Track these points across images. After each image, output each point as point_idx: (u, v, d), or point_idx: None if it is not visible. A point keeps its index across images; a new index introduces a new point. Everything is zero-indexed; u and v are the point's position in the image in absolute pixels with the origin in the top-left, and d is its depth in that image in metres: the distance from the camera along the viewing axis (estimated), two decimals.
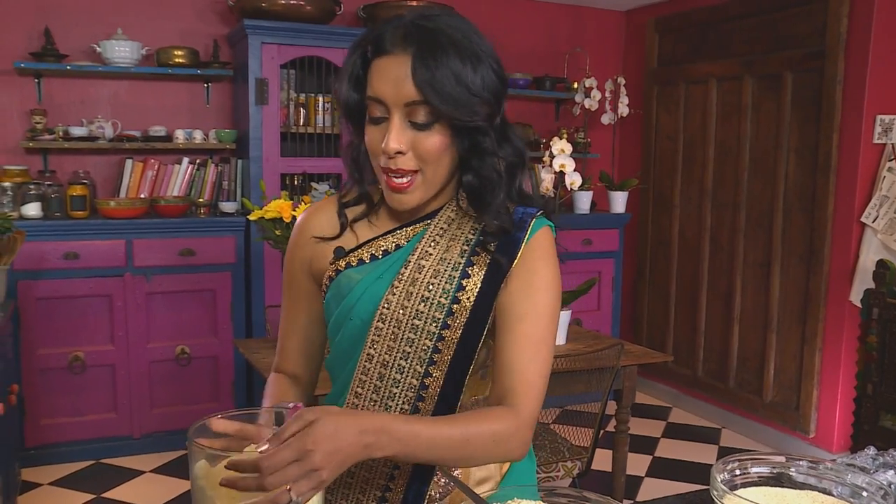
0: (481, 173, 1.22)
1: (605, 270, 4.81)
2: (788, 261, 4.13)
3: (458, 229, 1.28)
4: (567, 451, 2.91)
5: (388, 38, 1.17)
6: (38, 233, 3.60)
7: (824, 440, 3.97)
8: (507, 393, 1.19)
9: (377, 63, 1.18)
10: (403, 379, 1.25)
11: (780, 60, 4.12)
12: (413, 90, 1.15)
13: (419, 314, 1.24)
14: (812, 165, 3.97)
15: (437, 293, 1.24)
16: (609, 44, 5.30)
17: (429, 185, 1.22)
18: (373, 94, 1.18)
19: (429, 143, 1.18)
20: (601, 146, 5.16)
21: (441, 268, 1.25)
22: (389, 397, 1.26)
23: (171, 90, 4.24)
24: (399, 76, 1.15)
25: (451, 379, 1.25)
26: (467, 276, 1.24)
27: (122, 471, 3.75)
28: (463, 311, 1.24)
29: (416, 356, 1.24)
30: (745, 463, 1.27)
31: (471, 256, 1.26)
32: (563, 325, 3.04)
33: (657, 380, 5.02)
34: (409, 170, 1.19)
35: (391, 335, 1.25)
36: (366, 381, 1.27)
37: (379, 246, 1.29)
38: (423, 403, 1.25)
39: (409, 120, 1.17)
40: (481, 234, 1.27)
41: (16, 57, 3.85)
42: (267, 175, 3.99)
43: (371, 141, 1.20)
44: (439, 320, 1.23)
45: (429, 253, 1.26)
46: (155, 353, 3.89)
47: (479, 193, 1.24)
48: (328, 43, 4.05)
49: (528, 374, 1.20)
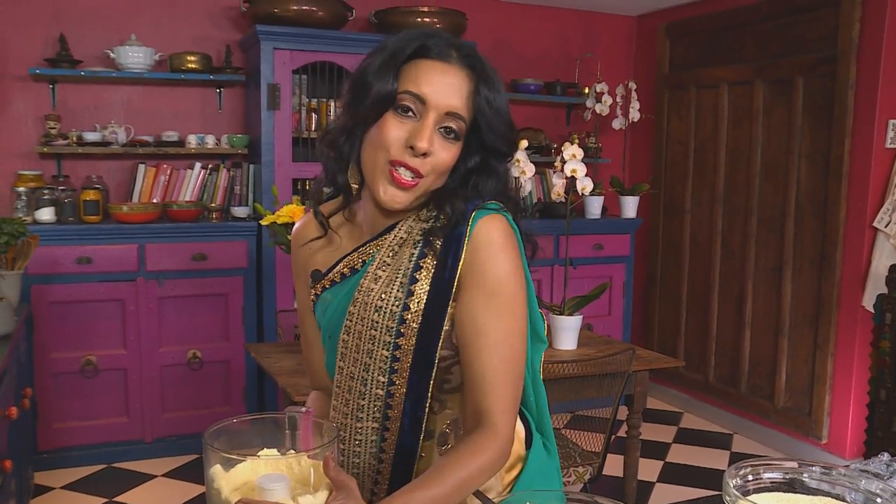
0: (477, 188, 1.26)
1: (616, 275, 4.80)
2: (800, 265, 4.11)
3: (410, 235, 1.27)
4: (578, 456, 2.90)
5: (438, 45, 1.20)
6: (52, 237, 3.62)
7: (837, 446, 3.94)
8: (482, 414, 1.18)
9: (423, 64, 1.19)
10: (368, 390, 1.26)
11: (791, 65, 4.11)
12: (461, 103, 1.19)
13: (375, 324, 1.24)
14: (824, 170, 3.95)
15: (390, 302, 1.24)
16: (620, 49, 5.30)
17: (423, 193, 1.23)
18: (417, 90, 1.17)
19: (447, 154, 1.20)
20: (612, 151, 5.16)
21: (394, 276, 1.25)
22: (358, 408, 1.27)
23: (183, 95, 4.27)
24: (451, 84, 1.18)
25: (413, 386, 1.24)
26: (415, 281, 1.23)
27: (133, 475, 3.76)
28: (415, 316, 1.22)
29: (375, 367, 1.25)
30: (758, 468, 1.27)
31: (418, 260, 1.24)
32: (574, 330, 3.03)
33: (669, 385, 5.01)
34: (421, 173, 1.19)
35: (355, 347, 1.27)
36: (339, 395, 1.30)
37: (347, 265, 1.30)
38: (391, 411, 1.26)
39: (441, 126, 1.19)
40: (427, 234, 1.25)
41: (31, 63, 3.89)
42: (278, 180, 4.01)
43: (389, 132, 1.18)
44: (393, 329, 1.23)
45: (386, 263, 1.26)
46: (167, 358, 3.90)
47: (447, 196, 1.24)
48: (340, 48, 4.07)
49: (498, 390, 1.18)
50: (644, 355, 3.12)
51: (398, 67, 1.19)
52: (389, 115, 1.18)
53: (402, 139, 1.18)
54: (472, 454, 1.14)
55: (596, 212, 4.78)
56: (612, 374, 2.78)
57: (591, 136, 5.00)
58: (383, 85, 1.18)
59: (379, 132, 1.19)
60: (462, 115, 1.19)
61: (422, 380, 1.24)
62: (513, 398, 1.20)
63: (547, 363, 2.35)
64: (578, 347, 3.05)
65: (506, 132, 1.23)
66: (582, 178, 2.99)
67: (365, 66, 1.22)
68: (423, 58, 1.19)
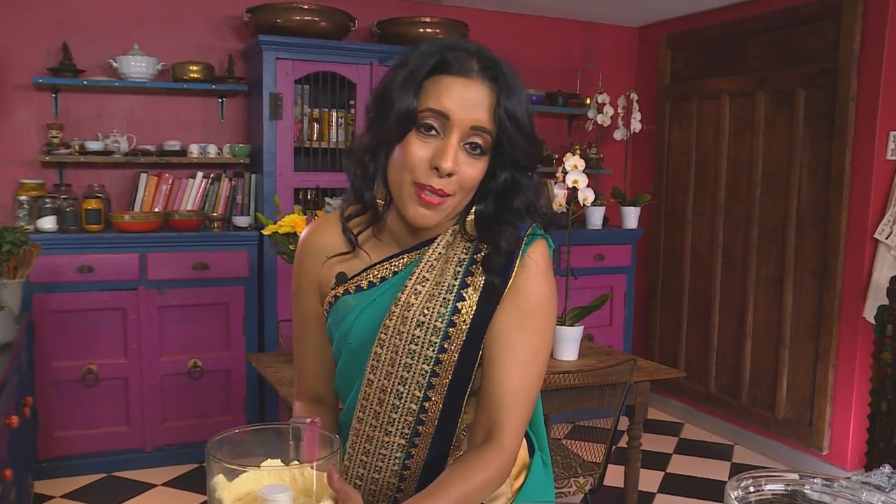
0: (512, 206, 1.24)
1: (617, 286, 4.80)
2: (801, 276, 4.11)
3: (452, 251, 1.27)
4: (579, 466, 2.90)
5: (459, 60, 1.17)
6: (54, 246, 3.62)
7: (838, 457, 3.93)
8: (495, 427, 1.20)
9: (444, 80, 1.17)
10: (402, 404, 1.25)
11: (792, 77, 4.12)
12: (486, 117, 1.17)
13: (415, 339, 1.23)
14: (825, 181, 3.96)
15: (433, 317, 1.23)
16: (622, 60, 5.32)
17: (453, 211, 1.23)
18: (440, 107, 1.16)
19: (474, 172, 1.19)
20: (613, 162, 5.17)
21: (436, 291, 1.24)
22: (389, 422, 1.26)
23: (185, 105, 4.28)
24: (474, 99, 1.16)
25: (450, 402, 1.25)
26: (462, 298, 1.24)
27: (134, 484, 3.75)
28: (459, 333, 1.23)
29: (413, 381, 1.24)
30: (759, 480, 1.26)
31: (465, 278, 1.25)
32: (575, 341, 3.03)
33: (669, 396, 5.00)
34: (447, 192, 1.18)
35: (389, 361, 1.25)
36: (366, 406, 1.27)
37: (377, 273, 1.29)
38: (423, 427, 1.26)
39: (465, 143, 1.18)
40: (475, 253, 1.26)
41: (34, 72, 3.90)
42: (280, 190, 4.02)
43: (413, 153, 1.17)
44: (436, 344, 1.23)
45: (425, 278, 1.25)
46: (168, 367, 3.90)
47: (492, 222, 1.24)
48: (342, 59, 4.08)
49: (515, 407, 1.20)
50: (645, 366, 3.12)
51: (419, 84, 1.17)
52: (412, 136, 1.17)
53: (427, 160, 1.16)
54: (479, 468, 1.16)
55: (597, 222, 4.78)
56: (613, 384, 2.78)
57: (592, 146, 5.00)
58: (405, 103, 1.16)
59: (403, 154, 1.18)
60: (487, 128, 1.18)
61: (458, 396, 1.25)
62: (525, 418, 1.23)
63: (548, 374, 2.35)
64: (579, 358, 3.05)
65: (526, 147, 1.21)
66: (583, 189, 2.99)
67: (387, 83, 1.20)
68: (444, 73, 1.17)
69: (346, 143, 4.23)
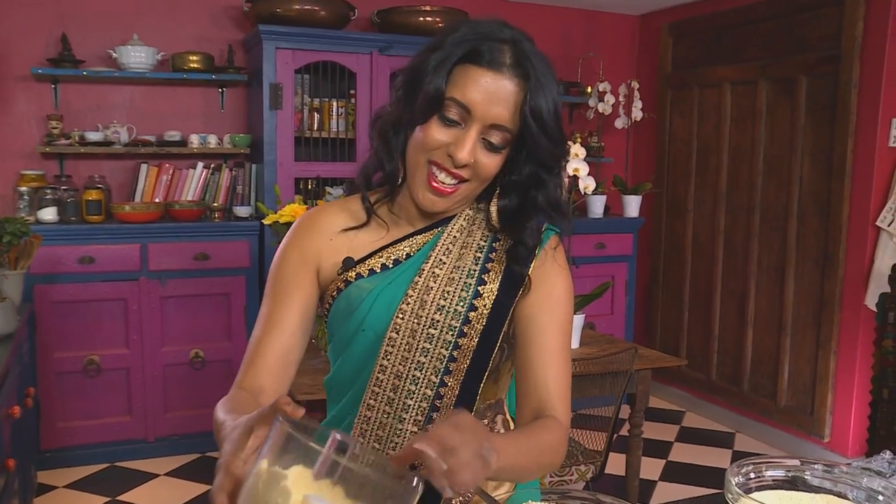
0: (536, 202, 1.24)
1: (618, 274, 4.80)
2: (803, 265, 4.10)
3: (470, 236, 1.27)
4: (580, 454, 2.90)
5: (491, 51, 1.15)
6: (54, 237, 3.62)
7: (839, 444, 3.94)
8: (544, 406, 1.20)
9: (473, 71, 1.16)
10: (418, 390, 1.24)
11: (794, 64, 4.11)
12: (509, 115, 1.16)
13: (434, 323, 1.23)
14: (827, 169, 3.95)
15: (454, 301, 1.23)
16: (623, 48, 5.30)
17: (466, 198, 1.24)
18: (463, 99, 1.15)
19: (491, 163, 1.19)
20: (615, 150, 5.16)
21: (455, 275, 1.24)
22: (403, 409, 1.24)
23: (185, 95, 4.27)
24: (499, 96, 1.15)
25: (466, 387, 1.25)
26: (483, 283, 1.24)
27: (136, 474, 3.76)
28: (480, 318, 1.23)
29: (430, 366, 1.23)
30: (760, 466, 1.27)
31: (485, 263, 1.26)
32: (577, 329, 3.03)
33: (671, 384, 5.00)
34: (461, 177, 1.19)
35: (405, 346, 1.23)
36: (379, 393, 1.25)
37: (389, 256, 1.27)
38: (437, 413, 1.25)
39: (484, 137, 1.17)
40: (494, 241, 1.27)
41: (33, 63, 3.89)
42: (281, 179, 4.01)
43: (432, 136, 1.17)
44: (455, 328, 1.23)
45: (442, 261, 1.25)
46: (169, 357, 3.91)
47: (516, 217, 1.25)
48: (342, 48, 4.07)
49: (560, 385, 1.22)
50: (646, 354, 3.12)
51: (449, 70, 1.16)
52: (435, 120, 1.17)
53: (445, 145, 1.17)
54: (545, 429, 1.16)
55: (598, 211, 4.77)
56: (615, 372, 2.78)
57: (593, 135, 4.99)
58: (433, 87, 1.16)
59: (423, 135, 1.18)
60: (508, 126, 1.17)
61: (475, 381, 1.25)
62: (569, 398, 1.25)
63: None
64: (581, 346, 3.05)
65: (549, 147, 1.20)
66: (584, 178, 2.99)
67: (419, 63, 1.19)
68: (474, 64, 1.16)
69: (346, 132, 4.23)
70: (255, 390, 1.21)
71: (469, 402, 1.25)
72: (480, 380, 1.25)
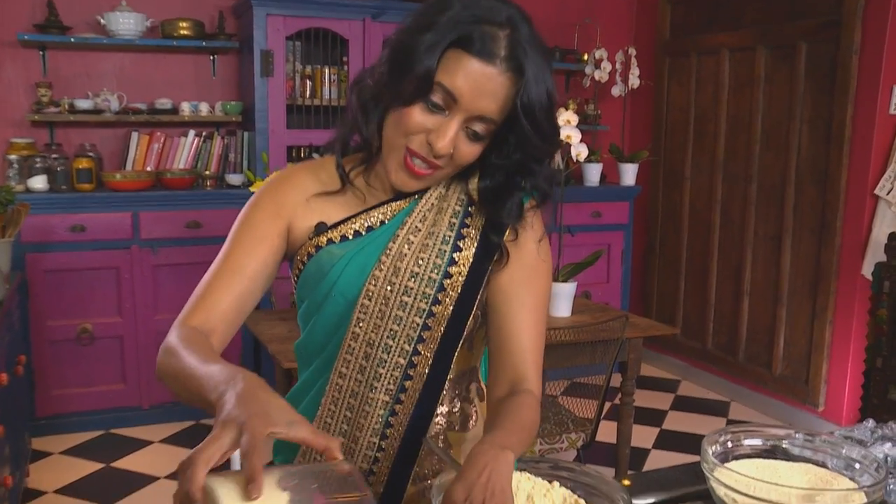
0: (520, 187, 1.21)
1: (614, 243, 4.78)
2: (800, 234, 4.08)
3: (445, 202, 1.25)
4: (571, 422, 2.90)
5: (485, 41, 1.08)
6: (45, 206, 3.60)
7: (833, 413, 3.94)
8: (521, 379, 1.19)
9: (464, 58, 1.08)
10: (390, 358, 1.22)
11: (794, 30, 4.05)
12: (496, 107, 1.10)
13: (408, 290, 1.20)
14: (825, 137, 3.91)
15: (428, 268, 1.21)
16: (620, 14, 5.22)
17: (440, 179, 1.21)
18: (451, 86, 1.09)
19: (471, 151, 1.15)
20: (611, 118, 5.10)
21: (429, 242, 1.22)
22: (375, 377, 1.23)
23: (176, 62, 4.22)
24: (488, 88, 1.09)
25: (439, 357, 1.23)
26: (458, 249, 1.22)
27: (131, 441, 3.78)
28: (455, 285, 1.21)
29: (403, 334, 1.21)
30: (738, 435, 1.26)
31: (461, 229, 1.23)
32: (568, 297, 3.02)
33: (667, 353, 5.00)
34: (437, 165, 1.15)
35: (378, 313, 1.21)
36: (350, 361, 1.23)
37: (363, 223, 1.24)
38: (410, 382, 1.23)
39: (468, 126, 1.12)
40: (469, 205, 1.25)
41: (20, 28, 3.83)
42: (273, 147, 3.97)
43: (413, 120, 1.11)
44: (430, 296, 1.21)
45: (417, 228, 1.22)
46: (162, 325, 3.90)
47: (496, 196, 1.22)
48: (334, 14, 4.01)
49: (536, 358, 1.22)
50: (638, 322, 3.10)
51: (441, 52, 1.08)
52: (418, 103, 1.11)
53: (426, 130, 1.12)
54: (527, 408, 1.16)
55: (594, 179, 4.74)
56: (606, 341, 2.77)
57: (589, 102, 4.94)
58: (421, 71, 1.08)
59: (404, 117, 1.12)
60: (493, 118, 1.11)
61: (448, 350, 1.23)
62: (541, 366, 1.25)
63: None
64: (573, 315, 3.04)
65: (539, 143, 1.15)
66: (577, 145, 2.95)
67: (409, 42, 1.11)
68: (466, 51, 1.08)
69: (338, 100, 4.18)
70: (206, 331, 1.13)
71: (442, 371, 1.24)
72: (455, 348, 1.23)
